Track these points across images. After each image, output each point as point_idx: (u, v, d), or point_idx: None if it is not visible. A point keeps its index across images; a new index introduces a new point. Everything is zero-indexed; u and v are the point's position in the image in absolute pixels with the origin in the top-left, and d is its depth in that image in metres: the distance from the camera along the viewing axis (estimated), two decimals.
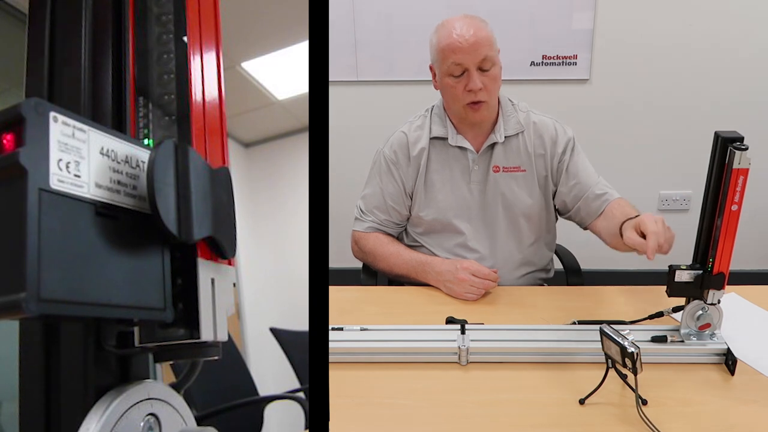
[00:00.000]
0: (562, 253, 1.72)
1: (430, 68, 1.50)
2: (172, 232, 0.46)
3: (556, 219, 1.63)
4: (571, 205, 1.53)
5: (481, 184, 1.52)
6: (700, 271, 1.08)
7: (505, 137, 1.50)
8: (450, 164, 1.52)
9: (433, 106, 1.57)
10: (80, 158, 0.40)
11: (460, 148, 1.51)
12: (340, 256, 2.33)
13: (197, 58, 0.61)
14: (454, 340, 1.15)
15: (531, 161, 1.51)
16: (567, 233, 1.72)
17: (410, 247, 1.62)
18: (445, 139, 1.51)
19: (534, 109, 1.56)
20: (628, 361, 0.94)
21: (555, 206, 1.58)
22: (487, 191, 1.52)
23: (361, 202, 1.63)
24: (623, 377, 1.01)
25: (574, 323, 1.23)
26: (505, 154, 1.51)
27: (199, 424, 0.49)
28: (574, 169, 1.52)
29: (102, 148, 0.42)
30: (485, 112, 1.45)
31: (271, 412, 1.89)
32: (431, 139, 1.53)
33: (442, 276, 1.43)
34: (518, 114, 1.53)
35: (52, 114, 0.37)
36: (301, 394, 1.86)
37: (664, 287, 1.11)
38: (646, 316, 1.24)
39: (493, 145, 1.50)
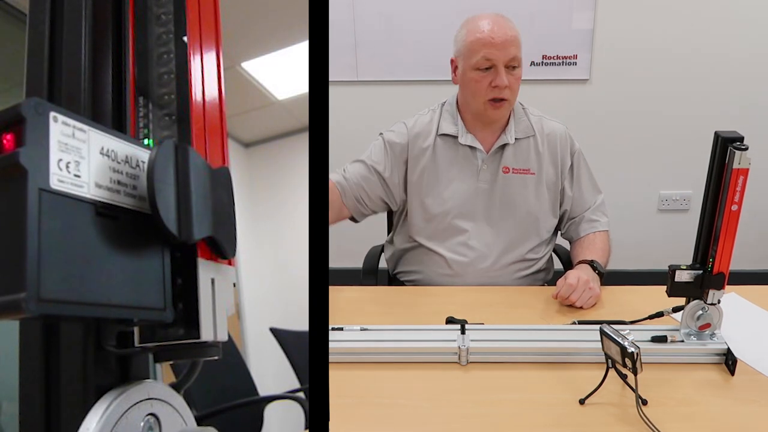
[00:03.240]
0: (560, 252, 1.72)
1: (452, 61, 1.50)
2: (172, 232, 0.46)
3: (557, 225, 1.63)
4: (565, 222, 1.60)
5: (489, 184, 1.52)
6: (700, 271, 1.08)
7: (516, 139, 1.51)
8: (458, 163, 1.52)
9: (445, 102, 1.57)
10: (80, 158, 0.40)
11: (470, 147, 1.51)
12: (340, 256, 2.33)
13: (197, 58, 0.61)
14: (454, 340, 1.15)
15: (541, 165, 1.52)
16: None
17: (405, 249, 1.62)
18: (454, 137, 1.51)
19: (546, 115, 1.57)
20: (628, 361, 0.94)
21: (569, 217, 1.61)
22: (494, 191, 1.52)
23: (347, 164, 1.60)
24: (623, 377, 1.01)
25: (574, 323, 1.23)
26: (515, 156, 1.51)
27: (199, 424, 0.49)
28: (578, 187, 1.56)
29: (102, 148, 0.42)
30: (505, 110, 1.46)
31: (271, 412, 1.89)
32: (439, 135, 1.52)
33: None
34: (529, 118, 1.54)
35: (52, 114, 0.37)
36: (301, 394, 1.85)
37: (664, 287, 1.11)
38: (646, 316, 1.24)
39: (503, 147, 1.51)
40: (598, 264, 1.42)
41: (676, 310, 1.22)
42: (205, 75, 0.61)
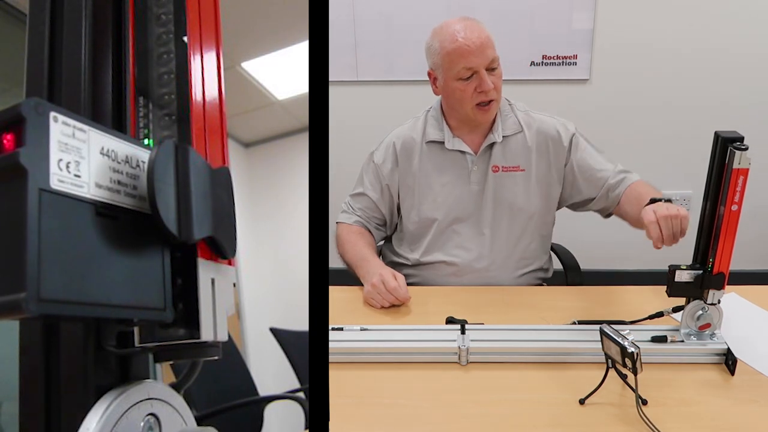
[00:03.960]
0: (560, 252, 1.72)
1: (429, 74, 1.50)
2: (172, 232, 0.46)
3: (554, 221, 1.62)
4: (592, 198, 1.53)
5: (480, 185, 1.52)
6: (700, 271, 1.08)
7: (503, 137, 1.50)
8: (448, 168, 1.52)
9: (430, 109, 1.57)
10: (80, 158, 0.40)
11: (459, 151, 1.51)
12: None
13: (197, 58, 0.61)
14: (454, 340, 1.15)
15: (530, 160, 1.51)
16: (567, 233, 1.72)
17: (404, 256, 1.62)
18: (441, 142, 1.51)
19: (533, 109, 1.56)
20: (628, 361, 0.94)
21: (576, 201, 1.56)
22: (485, 192, 1.52)
23: (350, 199, 1.63)
24: (623, 377, 1.01)
25: (574, 323, 1.23)
26: (504, 154, 1.51)
27: (199, 424, 0.49)
28: (585, 164, 1.52)
29: (102, 148, 0.42)
30: (494, 111, 1.46)
31: (271, 412, 1.89)
32: (426, 143, 1.53)
33: (365, 277, 1.41)
34: (516, 114, 1.53)
35: (52, 114, 0.37)
36: (301, 394, 1.85)
37: (664, 287, 1.11)
38: (646, 316, 1.24)
39: (491, 146, 1.50)
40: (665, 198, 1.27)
41: (676, 310, 1.21)
42: (205, 75, 0.61)
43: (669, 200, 1.25)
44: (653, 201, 1.25)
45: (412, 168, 1.54)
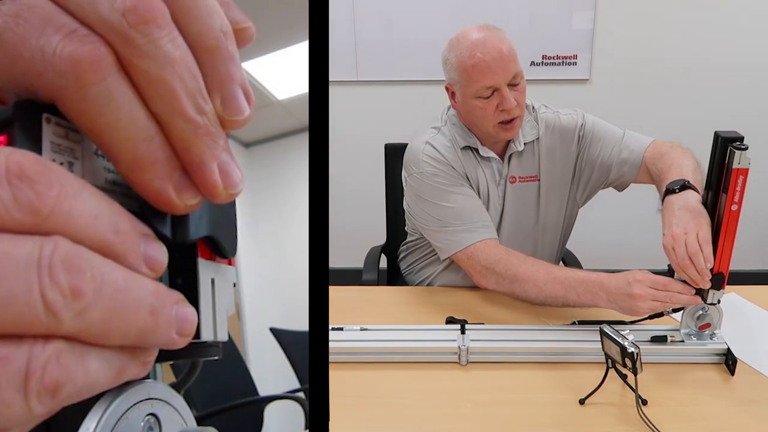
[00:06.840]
0: (569, 259, 1.71)
1: (447, 88, 1.39)
2: (165, 233, 0.46)
3: (571, 227, 1.58)
4: (606, 177, 1.45)
5: (502, 199, 1.45)
6: None
7: (524, 144, 1.42)
8: (480, 175, 1.43)
9: (446, 119, 1.45)
10: (74, 159, 0.39)
11: (489, 158, 1.42)
12: (340, 256, 2.33)
13: None
14: (454, 340, 1.15)
15: (544, 168, 1.44)
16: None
17: (409, 269, 1.58)
18: (475, 149, 1.41)
19: (551, 109, 1.49)
20: (628, 361, 0.94)
21: (593, 191, 1.49)
22: (505, 204, 1.45)
23: (440, 225, 1.37)
24: (623, 377, 1.01)
25: (574, 323, 1.23)
26: (520, 165, 1.43)
27: (199, 424, 0.49)
28: (595, 151, 1.44)
29: (96, 149, 0.42)
30: (518, 127, 1.35)
31: (271, 412, 1.89)
32: (462, 148, 1.41)
33: (614, 296, 1.15)
34: (536, 118, 1.45)
35: (45, 115, 0.37)
36: (301, 394, 1.85)
37: None
38: (646, 316, 1.24)
39: (510, 155, 1.43)
40: (687, 182, 1.13)
41: (676, 310, 1.21)
42: None
43: (685, 185, 1.12)
44: (669, 191, 1.13)
45: (459, 170, 1.42)
